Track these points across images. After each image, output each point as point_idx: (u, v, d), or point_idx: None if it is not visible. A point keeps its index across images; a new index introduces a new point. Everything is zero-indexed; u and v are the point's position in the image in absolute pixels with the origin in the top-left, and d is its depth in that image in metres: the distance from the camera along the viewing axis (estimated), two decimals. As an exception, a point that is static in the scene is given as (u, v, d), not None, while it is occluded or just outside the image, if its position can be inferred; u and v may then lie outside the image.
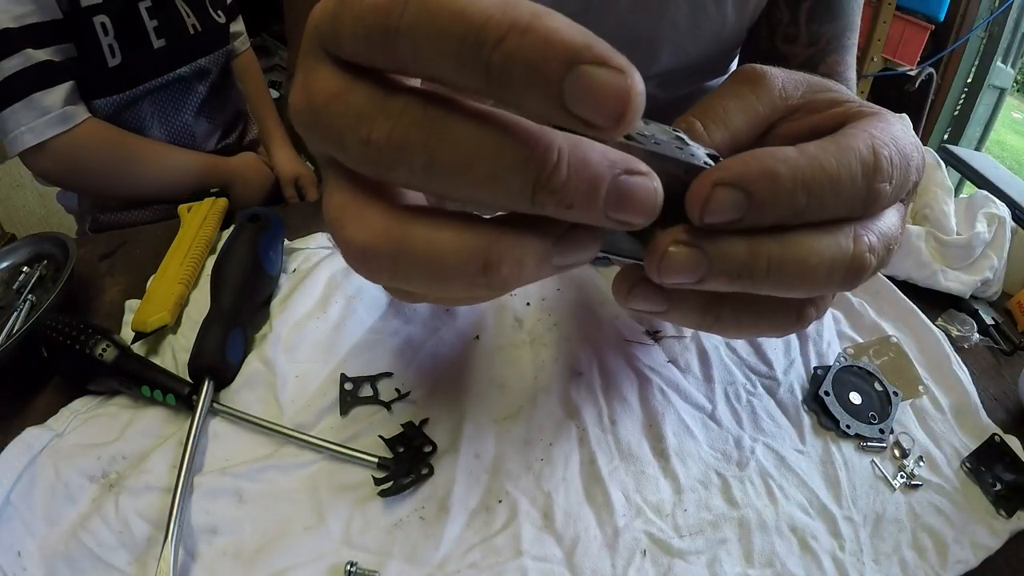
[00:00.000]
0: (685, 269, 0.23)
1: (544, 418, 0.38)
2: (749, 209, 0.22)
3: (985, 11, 1.74)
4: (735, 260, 0.23)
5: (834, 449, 0.38)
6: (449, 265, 0.18)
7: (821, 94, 0.31)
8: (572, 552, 0.32)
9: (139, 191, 0.80)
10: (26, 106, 0.68)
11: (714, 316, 0.26)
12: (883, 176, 0.24)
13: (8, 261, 0.46)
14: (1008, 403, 0.43)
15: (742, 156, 0.23)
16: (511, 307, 0.45)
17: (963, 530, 0.35)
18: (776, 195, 0.22)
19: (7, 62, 0.66)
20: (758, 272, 0.23)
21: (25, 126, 0.69)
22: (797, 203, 0.23)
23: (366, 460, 0.35)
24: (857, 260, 0.24)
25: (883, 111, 0.28)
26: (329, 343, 0.41)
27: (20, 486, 0.33)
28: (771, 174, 0.22)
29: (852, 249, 0.24)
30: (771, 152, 0.23)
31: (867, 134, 0.25)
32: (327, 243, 0.50)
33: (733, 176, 0.22)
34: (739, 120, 0.29)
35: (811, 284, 0.25)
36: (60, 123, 0.70)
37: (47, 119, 0.70)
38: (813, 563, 0.33)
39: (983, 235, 0.50)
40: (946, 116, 1.91)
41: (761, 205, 0.22)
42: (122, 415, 0.37)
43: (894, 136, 0.26)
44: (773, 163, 0.22)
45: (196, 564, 0.31)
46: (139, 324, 0.40)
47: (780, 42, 0.60)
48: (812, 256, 0.24)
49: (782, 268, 0.23)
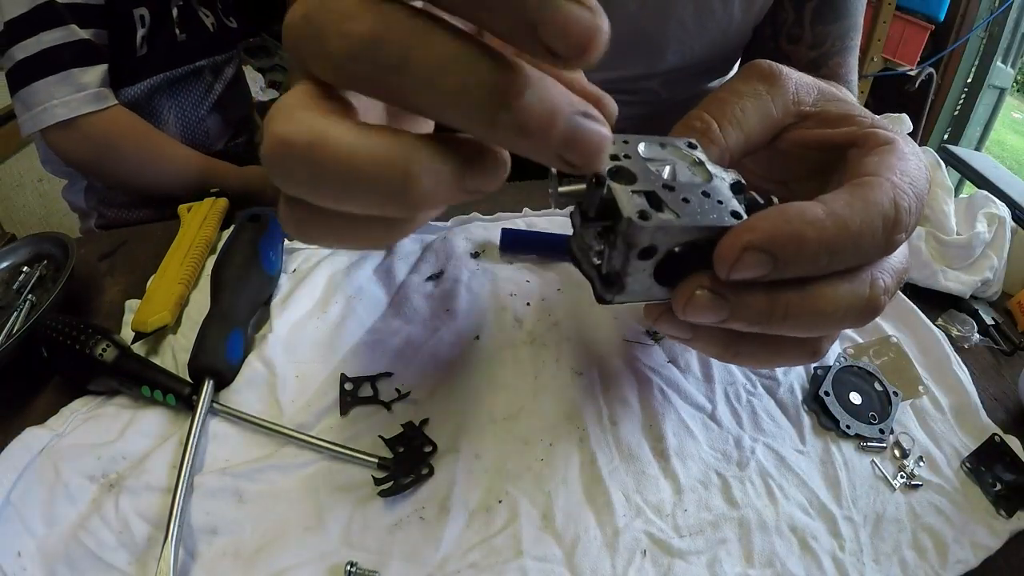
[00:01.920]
0: (708, 311, 0.25)
1: (544, 418, 0.38)
2: (774, 269, 0.23)
3: (985, 11, 1.74)
4: (756, 309, 0.25)
5: (834, 449, 0.38)
6: (368, 171, 0.17)
7: (833, 104, 0.31)
8: (572, 552, 0.32)
9: (157, 185, 0.80)
10: (62, 80, 0.68)
11: (734, 350, 0.28)
12: (901, 228, 0.25)
13: (8, 261, 0.46)
14: (1008, 403, 0.43)
15: (770, 215, 0.24)
16: (511, 307, 0.45)
17: (963, 530, 0.35)
18: (801, 257, 0.24)
19: (49, 33, 0.66)
20: (776, 319, 0.25)
21: (59, 99, 0.68)
22: (820, 264, 0.24)
23: (366, 460, 0.35)
24: (872, 303, 0.26)
25: (895, 138, 0.28)
26: (329, 343, 0.41)
27: (20, 486, 0.33)
28: (799, 239, 0.23)
29: (867, 294, 0.26)
30: (800, 213, 0.24)
31: (889, 184, 0.25)
32: (327, 243, 0.50)
33: (762, 240, 0.23)
34: (754, 122, 0.29)
35: (826, 328, 0.26)
36: (95, 101, 0.70)
37: (83, 95, 0.69)
38: (813, 563, 0.33)
39: (983, 235, 0.50)
40: (946, 116, 1.91)
41: (785, 265, 0.24)
42: (122, 415, 0.37)
43: (912, 178, 0.26)
44: (802, 227, 0.23)
45: (196, 564, 0.31)
46: (139, 324, 0.40)
47: (784, 42, 0.60)
48: (829, 305, 0.25)
49: (800, 316, 0.25)
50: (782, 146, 0.31)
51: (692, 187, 0.26)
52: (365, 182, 0.18)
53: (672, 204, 0.25)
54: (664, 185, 0.26)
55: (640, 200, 0.25)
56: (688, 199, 0.26)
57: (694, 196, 0.26)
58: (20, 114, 0.70)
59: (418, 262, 0.48)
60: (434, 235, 0.51)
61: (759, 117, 0.30)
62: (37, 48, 0.67)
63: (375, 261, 0.48)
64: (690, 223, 0.25)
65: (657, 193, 0.25)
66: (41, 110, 0.68)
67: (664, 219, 0.24)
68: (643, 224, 0.24)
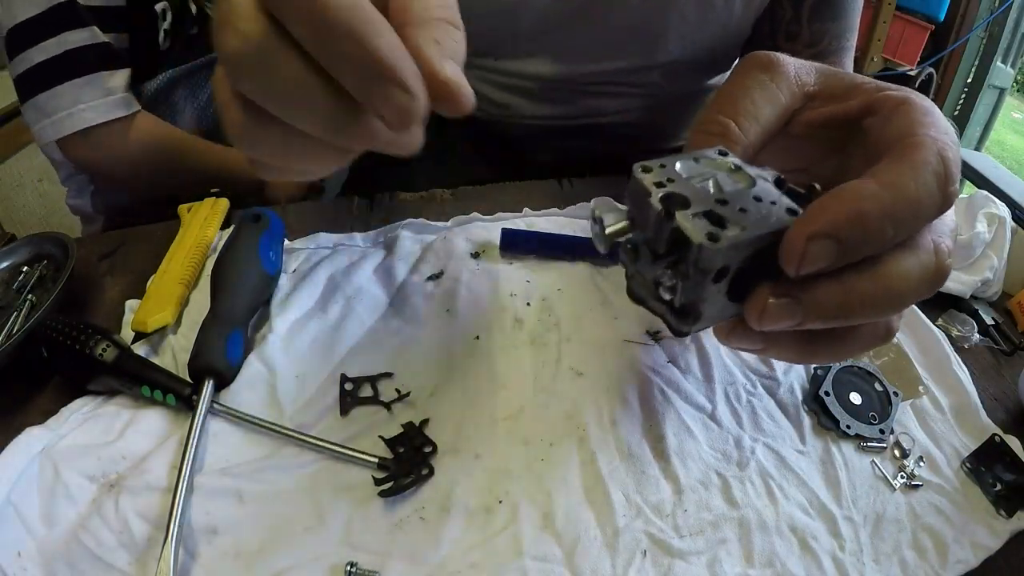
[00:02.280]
0: (784, 317, 0.24)
1: (544, 418, 0.38)
2: (841, 254, 0.23)
3: (985, 11, 1.74)
4: (830, 303, 0.24)
5: (834, 449, 0.38)
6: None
7: (835, 78, 0.31)
8: (572, 552, 0.32)
9: (183, 186, 0.76)
10: (89, 83, 0.64)
11: (810, 351, 0.28)
12: (954, 179, 0.25)
13: (8, 261, 0.46)
14: (1008, 403, 0.43)
15: (826, 202, 0.23)
16: (511, 307, 0.45)
17: (963, 530, 0.35)
18: (867, 235, 0.23)
19: (74, 34, 0.63)
20: (852, 309, 0.24)
21: (86, 104, 0.64)
22: (886, 237, 0.24)
23: (366, 460, 0.35)
24: (940, 269, 0.25)
25: (908, 95, 0.28)
26: (329, 343, 0.41)
27: (20, 486, 0.33)
28: (860, 217, 0.23)
29: (934, 261, 0.25)
30: (856, 191, 0.23)
31: (930, 139, 0.25)
32: (327, 243, 0.50)
33: (825, 227, 0.23)
34: (767, 112, 0.29)
35: (901, 305, 0.26)
36: (124, 106, 0.67)
37: (113, 99, 0.66)
38: (813, 563, 0.33)
39: (983, 235, 0.50)
40: (946, 116, 1.91)
41: (853, 248, 0.23)
42: (122, 415, 0.37)
43: (944, 127, 0.26)
44: (860, 204, 0.23)
45: (196, 564, 0.31)
46: (139, 324, 0.40)
47: (782, 40, 0.61)
48: (901, 282, 0.25)
49: (875, 299, 0.25)
50: (795, 131, 0.31)
51: (742, 195, 0.26)
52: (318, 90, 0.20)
53: (732, 218, 0.25)
54: (718, 200, 0.25)
55: (702, 222, 0.24)
56: (744, 208, 0.25)
57: (748, 204, 0.25)
58: (36, 121, 0.65)
59: (418, 262, 0.48)
60: (434, 235, 0.51)
61: (771, 106, 0.29)
62: (59, 49, 0.63)
63: (375, 261, 0.48)
64: (756, 232, 0.24)
65: (715, 211, 0.25)
66: (66, 115, 0.64)
67: (732, 235, 0.24)
68: (715, 247, 0.23)
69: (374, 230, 0.51)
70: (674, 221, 0.24)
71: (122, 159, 0.69)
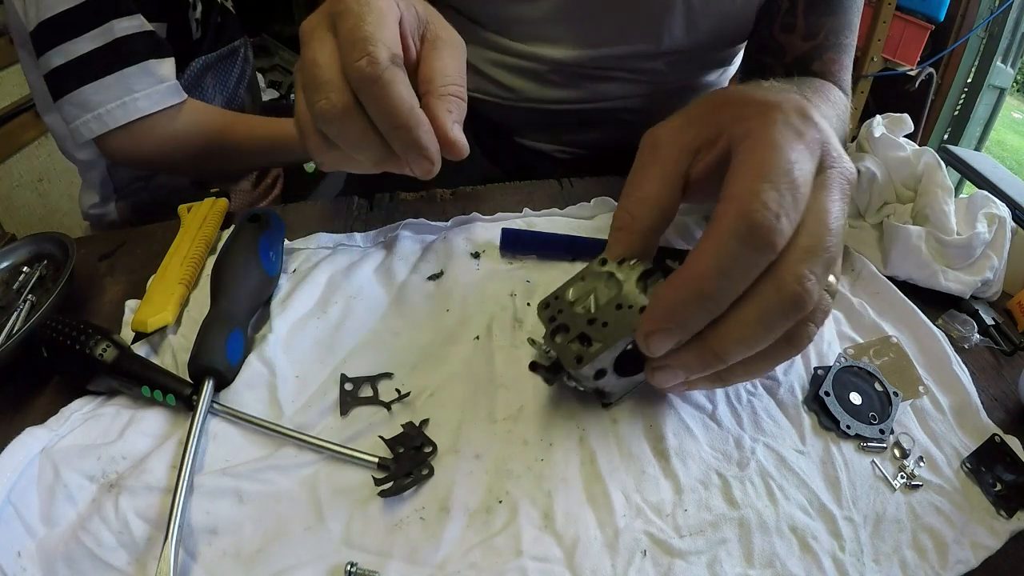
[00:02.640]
0: (670, 379, 0.32)
1: (544, 418, 0.38)
2: (681, 331, 0.29)
3: (985, 11, 1.74)
4: (694, 362, 0.31)
5: (834, 449, 0.38)
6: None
7: (707, 122, 0.34)
8: (572, 552, 0.32)
9: (237, 165, 0.77)
10: (142, 71, 0.62)
11: (723, 380, 0.34)
12: (767, 231, 0.27)
13: (8, 261, 0.46)
14: (1008, 403, 0.43)
15: (653, 300, 0.29)
16: (511, 307, 0.45)
17: (963, 530, 0.35)
18: (686, 316, 0.28)
19: (122, 22, 0.60)
20: (715, 359, 0.30)
21: (140, 92, 0.62)
22: (708, 306, 0.28)
23: (366, 460, 0.35)
24: (789, 299, 0.28)
25: (749, 126, 0.31)
26: (329, 343, 0.41)
27: (20, 486, 0.33)
28: (673, 307, 0.28)
29: (777, 296, 0.28)
30: (670, 283, 0.29)
31: (734, 204, 0.28)
32: (327, 243, 0.50)
33: (651, 326, 0.29)
34: (656, 191, 0.34)
35: (764, 340, 0.30)
36: (176, 93, 0.65)
37: (165, 87, 0.64)
38: (813, 563, 0.33)
39: (983, 235, 0.50)
40: (946, 116, 1.91)
41: (685, 326, 0.29)
42: (122, 415, 0.37)
43: (768, 170, 0.28)
44: (671, 294, 0.28)
45: (196, 564, 0.31)
46: (139, 324, 0.40)
47: (778, 31, 0.62)
48: (745, 328, 0.29)
49: (729, 346, 0.29)
50: (698, 181, 0.34)
51: (609, 307, 0.33)
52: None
53: (597, 336, 0.32)
54: (588, 320, 0.33)
55: (575, 346, 0.33)
56: (607, 322, 0.32)
57: (611, 316, 0.33)
58: (76, 116, 0.61)
59: (418, 262, 0.48)
60: (434, 235, 0.51)
61: (657, 183, 0.34)
62: (108, 38, 0.60)
63: (375, 261, 0.48)
64: (615, 343, 0.32)
65: (585, 332, 0.33)
66: (117, 105, 0.61)
67: (594, 352, 0.32)
68: (580, 368, 0.32)
69: (374, 230, 0.51)
70: (556, 352, 0.34)
71: (172, 147, 0.67)
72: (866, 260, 0.53)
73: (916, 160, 0.55)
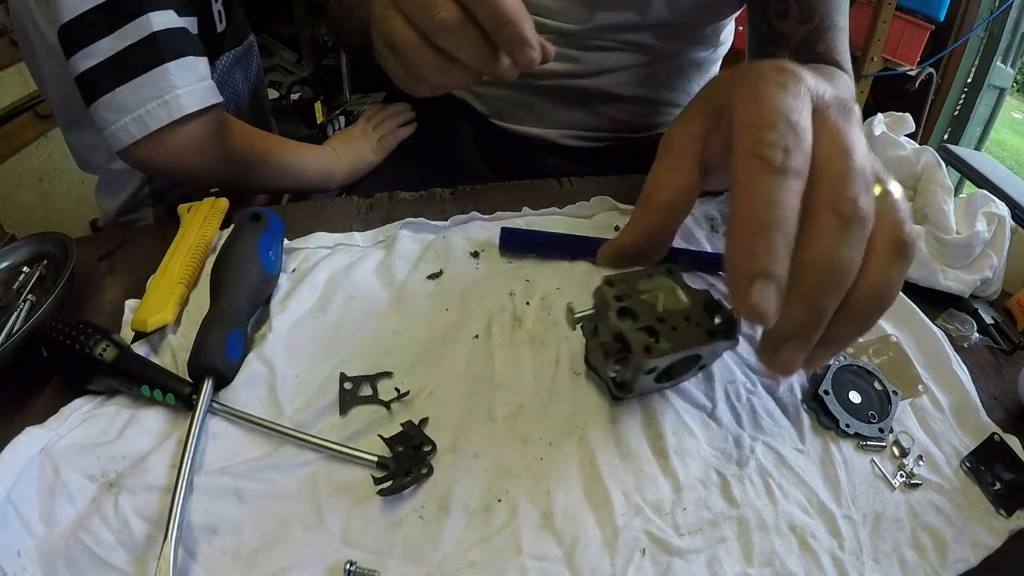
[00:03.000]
0: (793, 354, 0.29)
1: (544, 418, 0.38)
2: (773, 267, 0.27)
3: (985, 11, 1.74)
4: (801, 314, 0.28)
5: (833, 448, 0.38)
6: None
7: (712, 105, 0.35)
8: (572, 551, 0.32)
9: (258, 183, 0.70)
10: (181, 68, 0.56)
11: (840, 336, 0.31)
12: (770, 147, 0.28)
13: (8, 261, 0.46)
14: (1008, 402, 0.43)
15: (731, 256, 0.28)
16: (511, 307, 0.45)
17: (963, 529, 0.35)
18: (764, 248, 0.27)
19: (157, 16, 0.55)
20: (819, 301, 0.28)
21: (183, 89, 0.56)
22: (775, 236, 0.27)
23: (365, 460, 0.35)
24: (850, 215, 0.28)
25: (734, 100, 0.32)
26: (329, 343, 0.41)
27: (20, 486, 0.33)
28: (750, 248, 0.27)
29: (837, 218, 0.28)
30: (732, 238, 0.28)
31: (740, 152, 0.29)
32: (327, 243, 0.50)
33: (751, 269, 0.27)
34: (671, 175, 0.36)
35: (845, 263, 0.28)
36: (215, 93, 0.59)
37: (207, 85, 0.58)
38: (812, 562, 0.33)
39: (983, 234, 0.50)
40: (946, 116, 1.91)
41: (773, 258, 0.27)
42: (122, 415, 0.37)
43: (760, 120, 0.29)
44: (742, 243, 0.27)
45: (196, 564, 0.31)
46: (139, 324, 0.40)
47: (774, 18, 0.64)
48: (823, 261, 0.28)
49: (820, 280, 0.28)
50: (717, 162, 0.35)
51: (677, 315, 0.34)
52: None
53: (665, 335, 0.33)
54: (657, 318, 0.34)
55: (643, 336, 0.33)
56: (676, 327, 0.34)
57: (680, 323, 0.34)
58: (112, 121, 0.55)
59: (418, 261, 0.48)
60: (434, 234, 0.51)
61: (675, 171, 0.36)
62: (143, 33, 0.54)
63: (375, 260, 0.48)
64: (680, 351, 0.33)
65: (654, 327, 0.34)
66: (158, 104, 0.55)
67: (661, 351, 0.33)
68: (648, 358, 0.33)
69: (374, 230, 0.51)
70: (624, 332, 0.33)
71: (207, 156, 0.61)
72: (865, 259, 0.53)
73: (916, 159, 0.55)
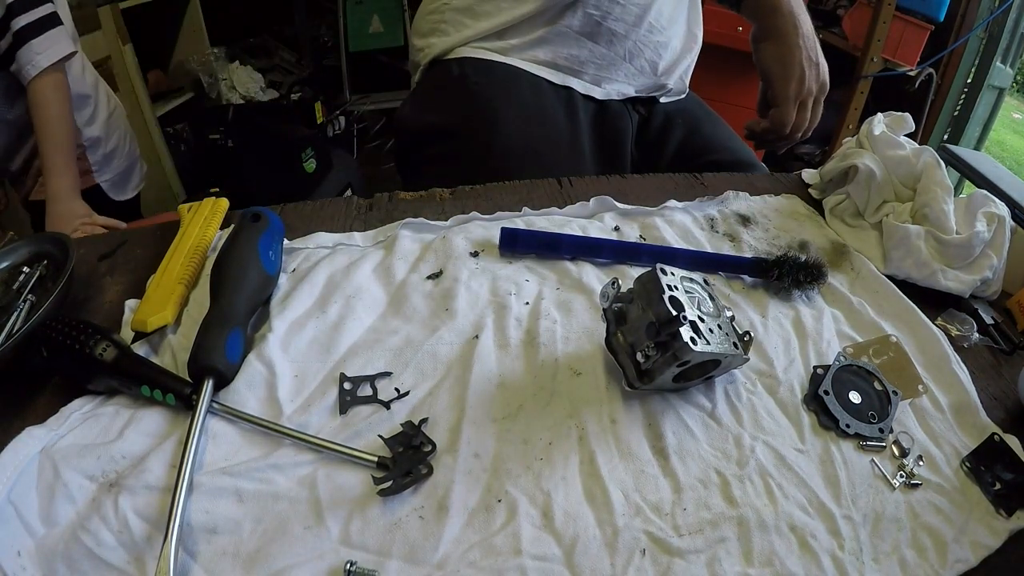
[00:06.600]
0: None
1: (544, 418, 0.38)
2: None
3: (985, 11, 1.74)
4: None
5: (834, 448, 0.38)
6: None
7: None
8: (571, 551, 0.32)
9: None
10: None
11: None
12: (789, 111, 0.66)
13: (8, 261, 0.46)
14: (1008, 402, 0.43)
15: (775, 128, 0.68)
16: (511, 307, 0.45)
17: (963, 529, 0.35)
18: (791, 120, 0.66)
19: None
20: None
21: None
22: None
23: (365, 460, 0.35)
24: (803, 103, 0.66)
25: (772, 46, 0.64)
26: (328, 343, 0.41)
27: (20, 486, 0.33)
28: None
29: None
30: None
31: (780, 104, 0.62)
32: (327, 243, 0.50)
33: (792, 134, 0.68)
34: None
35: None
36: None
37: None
38: (812, 562, 0.33)
39: (983, 234, 0.50)
40: (946, 116, 1.91)
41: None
42: (122, 415, 0.37)
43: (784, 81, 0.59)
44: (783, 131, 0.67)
45: (196, 564, 0.31)
46: (139, 324, 0.40)
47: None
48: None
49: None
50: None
51: (713, 319, 0.37)
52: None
53: (705, 333, 0.36)
54: (699, 316, 0.36)
55: (688, 327, 0.35)
56: (712, 329, 0.36)
57: (715, 327, 0.37)
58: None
59: (417, 261, 0.48)
60: (433, 234, 0.51)
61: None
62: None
63: (374, 260, 0.48)
64: (716, 350, 0.35)
65: (697, 323, 0.36)
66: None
67: (704, 344, 0.35)
68: (693, 348, 0.34)
69: (373, 230, 0.51)
70: (677, 318, 0.35)
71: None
72: (865, 259, 0.53)
73: (915, 159, 0.55)
